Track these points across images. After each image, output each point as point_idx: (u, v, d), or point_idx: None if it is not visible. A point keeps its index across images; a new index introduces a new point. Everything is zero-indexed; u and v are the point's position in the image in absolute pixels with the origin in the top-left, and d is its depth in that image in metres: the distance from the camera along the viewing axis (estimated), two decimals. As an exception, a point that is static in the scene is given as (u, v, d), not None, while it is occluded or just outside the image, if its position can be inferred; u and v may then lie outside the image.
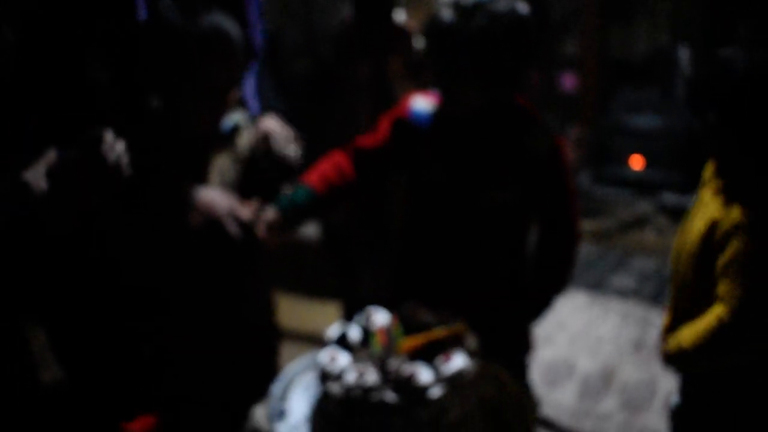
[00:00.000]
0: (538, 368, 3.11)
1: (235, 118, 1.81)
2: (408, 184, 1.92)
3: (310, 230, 3.94)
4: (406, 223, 1.98)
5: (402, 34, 3.03)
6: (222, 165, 1.77)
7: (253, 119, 1.88)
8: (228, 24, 1.66)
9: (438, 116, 1.84)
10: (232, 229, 1.65)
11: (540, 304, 1.90)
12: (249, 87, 1.92)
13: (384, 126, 1.92)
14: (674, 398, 1.76)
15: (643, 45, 5.68)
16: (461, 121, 1.80)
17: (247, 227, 1.67)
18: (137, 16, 1.68)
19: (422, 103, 1.87)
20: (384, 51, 2.98)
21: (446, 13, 1.69)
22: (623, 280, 4.08)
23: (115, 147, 1.35)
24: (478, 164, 1.79)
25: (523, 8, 1.70)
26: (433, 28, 1.71)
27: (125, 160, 1.36)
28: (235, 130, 1.80)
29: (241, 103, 1.87)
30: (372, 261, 3.04)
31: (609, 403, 2.94)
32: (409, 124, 1.86)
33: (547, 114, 5.37)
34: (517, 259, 1.89)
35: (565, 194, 1.83)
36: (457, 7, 1.68)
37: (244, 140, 1.83)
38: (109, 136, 1.34)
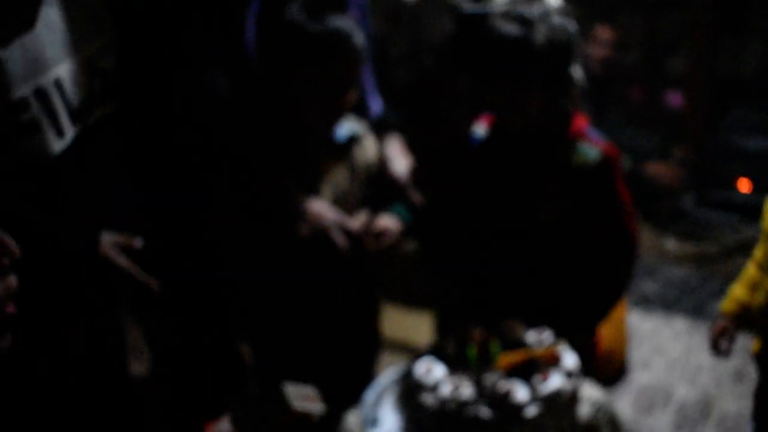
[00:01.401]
0: (633, 393, 3.02)
1: (353, 128, 1.84)
2: (461, 203, 1.92)
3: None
4: (462, 238, 1.96)
5: None
6: (336, 176, 1.79)
7: (373, 124, 1.90)
8: (350, 25, 1.69)
9: (489, 137, 1.87)
10: (339, 240, 1.68)
11: (593, 317, 1.88)
12: (369, 87, 1.94)
13: (442, 154, 2.01)
14: None
15: (756, 61, 5.43)
16: (511, 138, 1.82)
17: (355, 239, 1.70)
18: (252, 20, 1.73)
19: (480, 128, 1.91)
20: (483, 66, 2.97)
21: (509, 26, 1.68)
22: (726, 307, 3.90)
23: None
24: (527, 181, 1.79)
25: (570, 22, 1.71)
26: (497, 39, 1.69)
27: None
28: (352, 140, 1.83)
29: (360, 107, 1.89)
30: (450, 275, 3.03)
31: (707, 435, 2.82)
32: (466, 149, 1.91)
33: (650, 132, 5.22)
34: (570, 273, 1.84)
35: (617, 206, 1.80)
36: (522, 20, 1.67)
37: (363, 152, 1.85)
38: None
